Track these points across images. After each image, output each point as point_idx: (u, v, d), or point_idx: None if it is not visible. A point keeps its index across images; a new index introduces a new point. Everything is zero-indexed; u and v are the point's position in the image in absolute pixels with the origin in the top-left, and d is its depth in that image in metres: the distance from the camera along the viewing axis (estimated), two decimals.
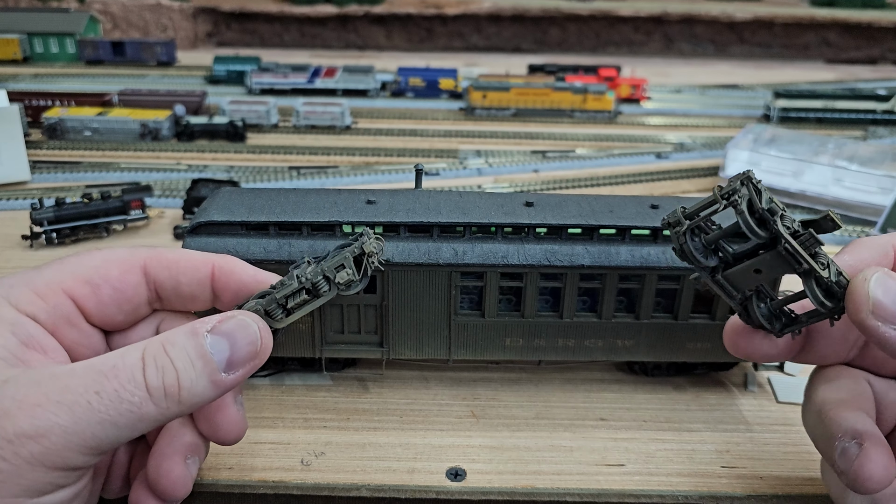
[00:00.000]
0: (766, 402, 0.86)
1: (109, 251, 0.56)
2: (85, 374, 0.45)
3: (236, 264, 0.58)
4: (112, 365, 0.46)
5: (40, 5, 3.43)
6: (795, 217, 0.51)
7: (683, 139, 2.04)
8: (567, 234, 0.80)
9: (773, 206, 0.50)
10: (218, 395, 0.49)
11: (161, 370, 0.47)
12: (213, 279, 0.57)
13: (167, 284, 0.57)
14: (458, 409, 0.83)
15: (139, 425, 0.46)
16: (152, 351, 0.47)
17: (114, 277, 0.55)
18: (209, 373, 0.48)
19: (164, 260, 0.57)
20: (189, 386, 0.48)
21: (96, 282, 0.54)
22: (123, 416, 0.45)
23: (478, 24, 3.78)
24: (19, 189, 1.51)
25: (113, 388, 0.45)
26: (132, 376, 0.46)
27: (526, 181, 1.65)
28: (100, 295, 0.54)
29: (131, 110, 1.94)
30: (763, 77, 3.05)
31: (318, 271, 0.53)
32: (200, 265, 0.57)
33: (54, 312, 0.52)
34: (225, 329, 0.50)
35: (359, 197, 0.82)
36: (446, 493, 0.70)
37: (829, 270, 0.51)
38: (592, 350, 0.84)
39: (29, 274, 0.53)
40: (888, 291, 0.50)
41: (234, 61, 2.64)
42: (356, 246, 0.54)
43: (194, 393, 0.48)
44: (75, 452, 0.44)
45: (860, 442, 0.55)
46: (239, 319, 0.51)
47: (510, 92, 2.23)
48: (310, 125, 2.03)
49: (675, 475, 0.73)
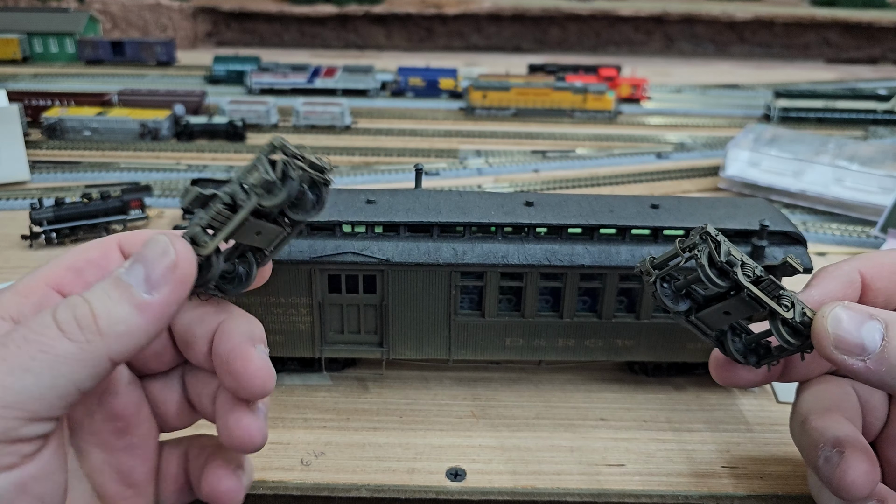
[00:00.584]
0: (766, 402, 0.86)
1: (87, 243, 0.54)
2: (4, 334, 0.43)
3: None
4: (26, 319, 0.45)
5: (40, 5, 3.43)
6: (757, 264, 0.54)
7: (684, 139, 2.04)
8: (567, 234, 0.80)
9: (732, 259, 0.53)
10: (150, 320, 0.46)
11: (72, 307, 0.44)
12: None
13: None
14: (458, 409, 0.83)
15: (62, 368, 0.43)
16: (68, 300, 0.45)
17: (95, 257, 0.53)
18: (128, 297, 0.45)
19: (135, 236, 0.55)
20: (106, 313, 0.44)
21: (78, 266, 0.52)
22: (36, 360, 0.42)
23: (478, 23, 3.78)
24: (19, 189, 1.51)
25: (21, 336, 0.43)
26: (40, 319, 0.44)
27: (526, 181, 1.65)
28: (85, 277, 0.51)
29: (131, 110, 1.94)
30: (763, 77, 3.05)
31: (234, 182, 0.49)
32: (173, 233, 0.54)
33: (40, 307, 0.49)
34: (139, 254, 0.47)
35: (358, 196, 0.82)
36: (446, 493, 0.70)
37: (794, 310, 0.54)
38: (592, 350, 0.84)
39: (18, 280, 0.51)
40: (847, 326, 0.51)
41: (233, 61, 2.64)
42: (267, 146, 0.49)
43: (116, 319, 0.45)
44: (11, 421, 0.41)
45: (841, 450, 0.56)
46: (150, 240, 0.48)
47: (510, 92, 2.23)
48: (310, 125, 2.03)
49: (676, 475, 0.73)
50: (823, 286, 0.58)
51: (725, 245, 0.53)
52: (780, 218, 0.83)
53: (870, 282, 0.59)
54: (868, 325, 0.51)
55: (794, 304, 0.54)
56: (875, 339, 0.51)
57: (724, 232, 0.81)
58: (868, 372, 0.51)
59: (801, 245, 0.81)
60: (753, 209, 0.85)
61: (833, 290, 0.57)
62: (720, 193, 1.60)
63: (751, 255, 0.80)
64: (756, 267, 0.53)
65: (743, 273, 0.53)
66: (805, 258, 0.80)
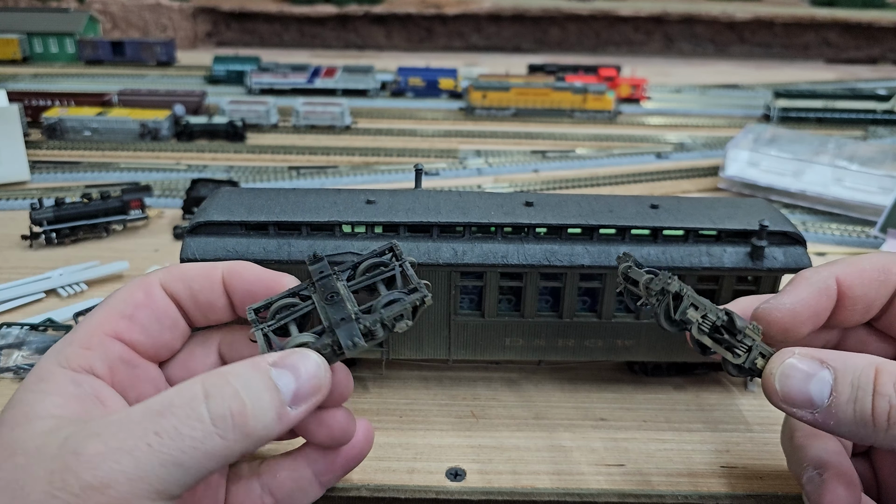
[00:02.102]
0: (766, 402, 0.85)
1: (128, 285, 0.57)
2: (142, 417, 0.43)
3: (243, 266, 0.58)
4: (169, 402, 0.44)
5: (40, 5, 3.43)
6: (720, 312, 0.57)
7: (683, 139, 2.04)
8: (567, 234, 0.80)
9: (687, 318, 0.57)
10: (282, 431, 0.47)
11: (227, 399, 0.44)
12: (224, 283, 0.58)
13: (184, 295, 0.57)
14: (458, 409, 0.83)
15: (207, 463, 0.44)
16: (212, 381, 0.45)
17: (141, 299, 0.55)
18: (276, 405, 0.46)
19: (176, 273, 0.57)
20: (257, 416, 0.45)
21: (129, 311, 0.54)
22: (187, 454, 0.43)
23: (478, 23, 3.78)
24: (19, 189, 1.51)
25: (172, 426, 0.43)
26: (192, 410, 0.44)
27: (526, 181, 1.65)
28: (139, 321, 0.54)
29: (131, 110, 1.94)
30: (763, 77, 3.05)
31: (376, 319, 0.53)
32: (211, 272, 0.58)
33: (106, 358, 0.52)
34: (289, 362, 0.48)
35: (358, 197, 0.82)
36: (446, 493, 0.70)
37: (748, 356, 0.55)
38: (592, 350, 0.84)
39: (70, 335, 0.53)
40: (794, 382, 0.51)
41: (233, 61, 2.64)
42: (417, 298, 0.54)
43: (262, 425, 0.45)
44: (144, 499, 0.42)
45: (822, 472, 0.57)
46: (301, 352, 0.50)
47: (510, 92, 2.23)
48: (309, 125, 2.03)
49: (675, 475, 0.73)
50: (796, 294, 0.57)
51: (687, 300, 0.57)
52: (780, 218, 0.83)
53: (847, 289, 0.58)
54: (817, 377, 0.51)
55: (751, 348, 0.55)
56: (823, 393, 0.50)
57: (724, 232, 0.81)
58: (816, 423, 0.51)
59: (800, 245, 0.81)
60: (753, 209, 0.85)
61: (805, 298, 0.57)
62: (720, 193, 1.60)
63: (751, 256, 0.80)
64: (718, 315, 0.56)
65: (699, 328, 0.56)
66: (805, 258, 0.80)
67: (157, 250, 1.22)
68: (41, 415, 0.47)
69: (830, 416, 0.50)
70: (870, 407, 0.49)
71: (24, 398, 0.48)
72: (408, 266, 0.58)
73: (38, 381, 0.50)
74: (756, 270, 0.79)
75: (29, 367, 0.85)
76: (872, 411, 0.48)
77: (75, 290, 1.06)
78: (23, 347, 0.89)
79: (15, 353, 0.88)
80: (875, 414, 0.48)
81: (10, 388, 0.83)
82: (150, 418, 0.43)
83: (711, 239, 0.81)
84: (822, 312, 0.58)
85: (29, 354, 0.88)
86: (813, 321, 0.57)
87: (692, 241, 0.81)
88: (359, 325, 0.53)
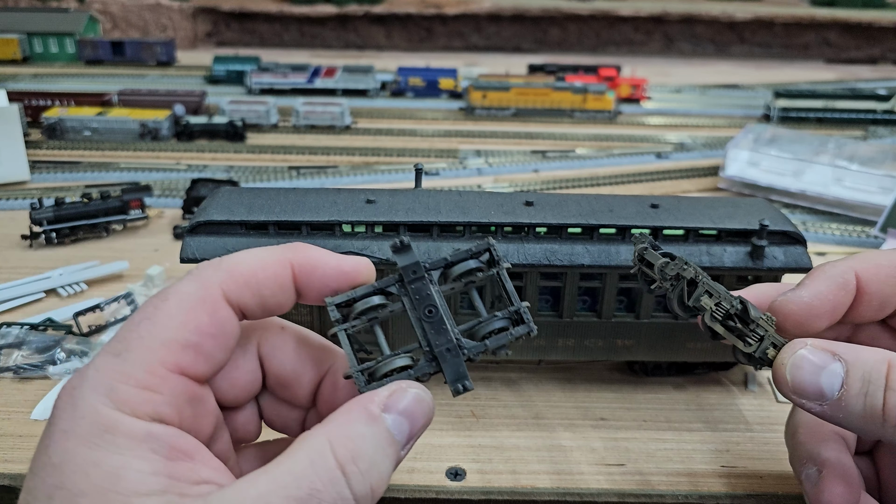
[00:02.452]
0: (766, 402, 0.86)
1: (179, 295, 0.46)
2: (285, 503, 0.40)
3: (317, 257, 0.50)
4: (310, 487, 0.40)
5: (40, 5, 3.43)
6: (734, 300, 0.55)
7: (683, 139, 2.04)
8: (567, 234, 0.80)
9: (701, 304, 0.55)
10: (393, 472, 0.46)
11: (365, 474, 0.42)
12: (295, 280, 0.50)
13: (252, 304, 0.48)
14: (458, 409, 0.82)
15: None
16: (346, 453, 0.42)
17: (206, 325, 0.46)
18: (395, 457, 0.45)
19: (241, 278, 0.48)
20: (383, 476, 0.44)
21: (194, 341, 0.45)
22: None
23: (478, 23, 3.78)
24: (19, 189, 1.51)
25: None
26: (339, 495, 0.41)
27: (526, 181, 1.65)
28: (205, 352, 0.46)
29: (131, 110, 1.94)
30: (763, 77, 3.05)
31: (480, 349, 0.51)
32: (279, 269, 0.49)
33: (175, 401, 0.43)
34: (403, 408, 0.46)
35: (358, 196, 0.82)
36: (446, 492, 0.70)
37: (760, 345, 0.55)
38: (592, 350, 0.84)
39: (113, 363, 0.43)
40: (806, 374, 0.51)
41: (233, 61, 2.64)
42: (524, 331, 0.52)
43: (386, 482, 0.44)
44: None
45: (820, 470, 0.57)
46: (415, 395, 0.47)
47: (510, 92, 2.23)
48: (309, 125, 2.03)
49: (675, 475, 0.73)
50: (814, 287, 0.57)
51: (702, 287, 0.55)
52: (780, 218, 0.83)
53: (865, 285, 0.57)
54: (828, 370, 0.51)
55: (764, 337, 0.55)
56: (833, 386, 0.50)
57: (724, 231, 0.81)
58: (825, 415, 0.51)
59: (800, 245, 0.81)
60: (753, 209, 0.85)
61: (823, 293, 0.56)
62: (720, 193, 1.60)
63: (751, 255, 0.80)
64: (732, 303, 0.55)
65: (711, 315, 0.55)
66: (805, 258, 0.80)
67: (157, 250, 1.22)
68: (139, 489, 0.38)
69: (840, 408, 0.50)
70: (881, 401, 0.48)
71: (95, 457, 0.39)
72: (505, 275, 0.52)
73: (101, 431, 0.40)
74: (756, 270, 0.79)
75: (29, 367, 0.85)
76: (883, 406, 0.48)
77: (75, 290, 1.06)
78: (23, 347, 0.89)
79: (15, 352, 0.88)
80: (886, 408, 0.48)
81: (9, 388, 0.83)
82: None
83: (712, 238, 0.81)
84: (839, 308, 0.57)
85: (29, 354, 0.88)
86: (830, 316, 0.57)
87: (692, 241, 0.81)
88: (462, 353, 0.50)
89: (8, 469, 0.71)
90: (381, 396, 0.46)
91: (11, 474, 0.70)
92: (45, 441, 0.40)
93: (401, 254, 0.51)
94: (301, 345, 0.53)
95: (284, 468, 0.41)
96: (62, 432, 0.40)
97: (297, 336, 0.53)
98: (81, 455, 0.39)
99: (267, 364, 0.52)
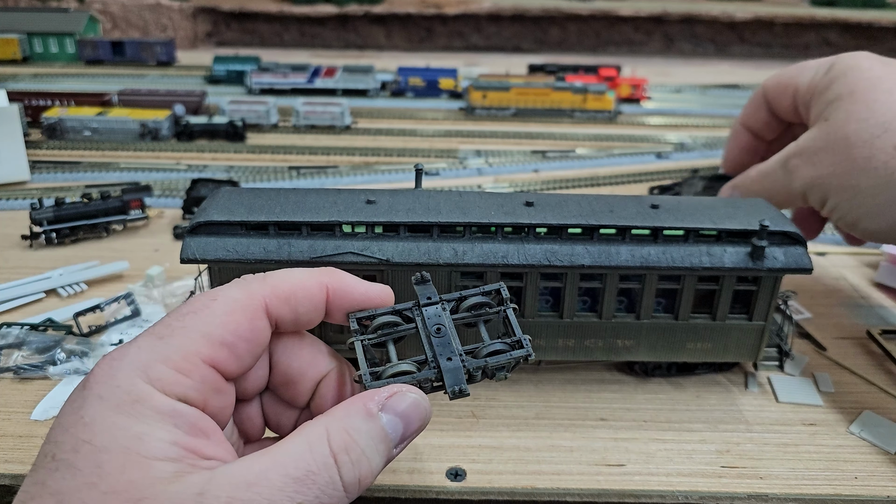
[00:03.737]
0: (766, 402, 0.86)
1: (226, 298, 0.51)
2: (283, 483, 0.43)
3: (348, 284, 0.56)
4: (307, 468, 0.44)
5: (40, 5, 3.43)
6: None
7: (684, 139, 2.04)
8: (567, 234, 0.80)
9: None
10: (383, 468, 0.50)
11: (355, 464, 0.46)
12: (328, 301, 0.56)
13: (287, 318, 0.54)
14: (458, 409, 0.83)
15: None
16: (340, 443, 0.46)
17: (245, 330, 0.51)
18: (386, 452, 0.49)
19: (282, 294, 0.53)
20: (374, 469, 0.48)
21: (231, 340, 0.50)
22: None
23: (478, 23, 3.78)
24: (19, 189, 1.51)
25: (314, 496, 0.44)
26: (330, 479, 0.45)
27: (526, 181, 1.65)
28: (237, 353, 0.50)
29: (131, 110, 1.94)
30: (763, 77, 3.04)
31: (480, 366, 0.54)
32: (316, 291, 0.55)
33: (202, 388, 0.48)
34: (400, 410, 0.49)
35: (358, 197, 0.82)
36: (446, 493, 0.70)
37: None
38: (592, 350, 0.84)
39: (155, 345, 0.48)
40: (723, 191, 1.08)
41: (233, 61, 2.64)
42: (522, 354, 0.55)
43: (375, 474, 0.48)
44: None
45: None
46: (412, 399, 0.50)
47: (510, 92, 2.23)
48: (310, 125, 2.03)
49: (675, 475, 0.73)
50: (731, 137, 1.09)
51: None
52: (780, 218, 0.83)
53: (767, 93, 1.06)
54: None
55: None
56: None
57: (724, 232, 0.81)
58: None
59: (800, 245, 0.81)
60: (753, 209, 0.85)
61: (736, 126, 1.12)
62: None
63: (751, 255, 0.80)
64: None
65: None
66: (805, 258, 0.80)
67: (157, 250, 1.22)
68: (157, 454, 0.43)
69: None
70: None
71: (123, 422, 0.43)
72: (511, 314, 0.58)
73: (133, 401, 0.44)
74: (756, 270, 0.79)
75: (29, 367, 0.85)
76: None
77: (75, 290, 1.06)
78: (23, 347, 0.89)
79: (15, 353, 0.88)
80: None
81: (9, 388, 0.83)
82: (291, 486, 0.43)
83: (712, 239, 0.81)
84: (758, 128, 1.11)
85: (29, 354, 0.88)
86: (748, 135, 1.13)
87: (692, 241, 0.81)
88: (463, 365, 0.53)
89: (8, 469, 0.71)
90: (380, 396, 0.50)
91: (12, 474, 0.70)
92: (78, 402, 0.44)
93: (420, 284, 0.59)
94: (309, 347, 0.58)
95: (284, 450, 0.45)
96: (97, 397, 0.44)
97: (307, 339, 0.58)
98: (111, 419, 0.43)
99: (275, 361, 0.57)
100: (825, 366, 0.93)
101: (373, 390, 0.50)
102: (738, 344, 0.84)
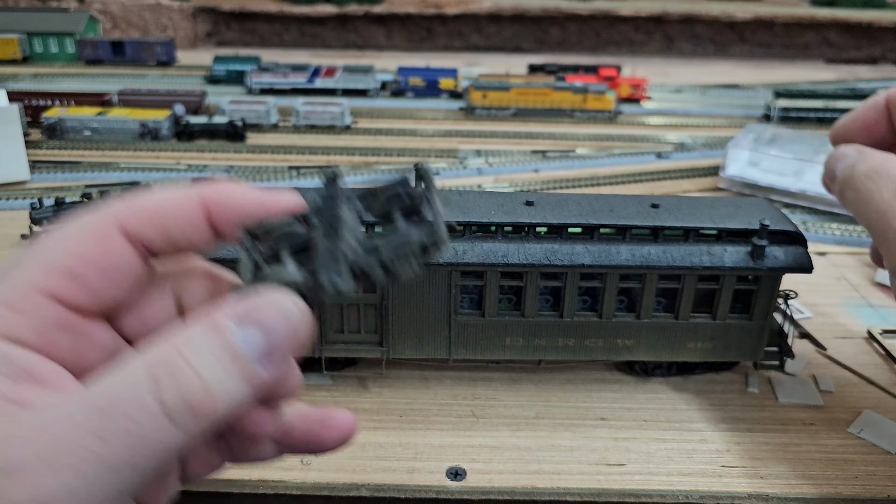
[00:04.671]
0: (766, 402, 0.86)
1: (72, 225, 0.44)
2: (84, 418, 0.36)
3: (233, 193, 0.46)
4: (113, 396, 0.36)
5: (40, 5, 3.43)
6: None
7: (684, 139, 2.04)
8: (567, 234, 0.80)
9: None
10: (256, 393, 0.40)
11: (181, 385, 0.37)
12: (210, 216, 0.46)
13: (156, 239, 0.45)
14: (458, 408, 0.82)
15: (165, 456, 0.37)
16: (161, 359, 0.38)
17: (94, 255, 0.43)
18: (243, 373, 0.39)
19: (143, 212, 0.45)
20: (220, 392, 0.38)
21: (77, 270, 0.42)
22: (141, 454, 0.36)
23: (478, 23, 3.78)
24: (19, 189, 1.51)
25: (120, 426, 0.36)
26: (142, 403, 0.36)
27: (526, 181, 1.65)
28: (87, 283, 0.43)
29: (131, 110, 1.94)
30: (763, 77, 3.05)
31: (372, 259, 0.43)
32: (189, 205, 0.45)
33: (40, 325, 0.41)
34: (258, 317, 0.40)
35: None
36: (446, 492, 0.70)
37: None
38: (592, 350, 0.84)
39: None
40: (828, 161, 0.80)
41: (233, 61, 2.64)
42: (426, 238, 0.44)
43: (228, 398, 0.38)
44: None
45: None
46: (273, 302, 0.40)
47: (510, 92, 2.23)
48: (310, 125, 2.03)
49: (676, 475, 0.73)
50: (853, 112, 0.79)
51: None
52: (781, 217, 0.83)
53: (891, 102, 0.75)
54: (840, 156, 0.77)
55: None
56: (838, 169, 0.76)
57: (724, 231, 0.81)
58: None
59: (801, 244, 0.81)
60: (754, 209, 0.85)
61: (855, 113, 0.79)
62: (720, 193, 1.60)
63: (751, 255, 0.80)
64: None
65: None
66: (805, 258, 0.80)
67: None
68: None
69: None
70: None
71: None
72: (434, 196, 0.46)
73: None
74: (757, 270, 0.79)
75: None
76: None
77: None
78: None
79: None
80: None
81: None
82: (93, 419, 0.36)
83: (712, 238, 0.81)
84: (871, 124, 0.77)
85: None
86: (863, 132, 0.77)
87: (693, 241, 0.81)
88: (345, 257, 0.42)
89: None
90: (236, 308, 0.40)
91: None
92: None
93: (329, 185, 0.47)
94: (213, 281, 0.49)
95: (101, 378, 0.38)
96: None
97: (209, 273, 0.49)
98: None
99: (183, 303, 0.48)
100: (825, 366, 0.93)
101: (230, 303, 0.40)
102: (739, 343, 0.84)
